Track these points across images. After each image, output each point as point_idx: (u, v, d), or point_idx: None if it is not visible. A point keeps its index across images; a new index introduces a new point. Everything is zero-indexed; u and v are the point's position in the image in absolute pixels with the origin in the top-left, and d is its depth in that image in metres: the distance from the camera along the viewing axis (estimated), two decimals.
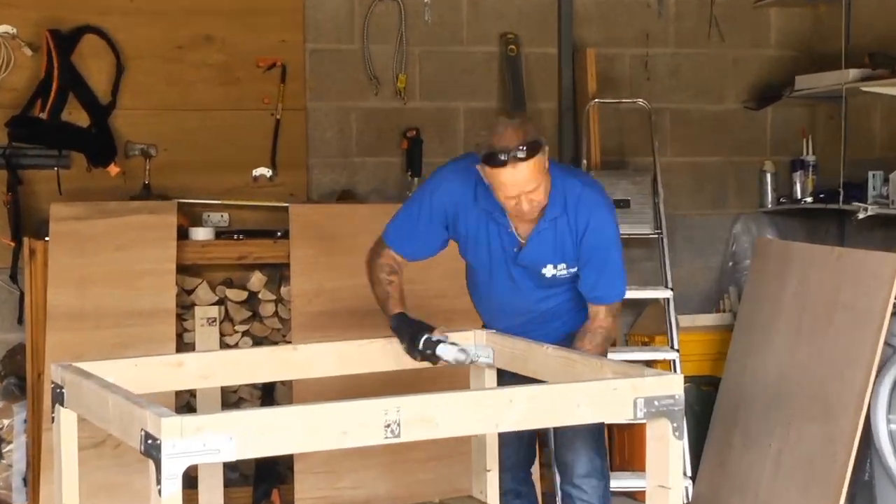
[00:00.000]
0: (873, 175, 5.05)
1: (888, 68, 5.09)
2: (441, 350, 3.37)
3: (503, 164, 3.20)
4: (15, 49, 5.05)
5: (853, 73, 5.22)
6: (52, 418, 3.09)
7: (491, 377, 3.60)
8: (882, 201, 4.93)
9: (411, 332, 3.43)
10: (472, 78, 5.57)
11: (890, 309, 3.98)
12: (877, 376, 4.05)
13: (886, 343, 4.04)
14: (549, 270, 3.46)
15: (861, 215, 4.98)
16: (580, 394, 2.86)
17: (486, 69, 5.58)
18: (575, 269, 3.46)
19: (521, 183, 3.24)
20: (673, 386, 2.89)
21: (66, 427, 3.05)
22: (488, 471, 3.63)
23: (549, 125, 5.61)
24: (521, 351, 3.49)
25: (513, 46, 5.53)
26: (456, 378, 3.63)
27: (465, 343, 3.48)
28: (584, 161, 5.36)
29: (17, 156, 5.01)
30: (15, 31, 5.04)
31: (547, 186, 3.31)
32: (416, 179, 5.32)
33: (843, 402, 4.04)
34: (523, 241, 3.44)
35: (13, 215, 4.93)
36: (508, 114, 3.48)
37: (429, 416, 2.67)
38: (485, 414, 2.79)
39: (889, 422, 4.17)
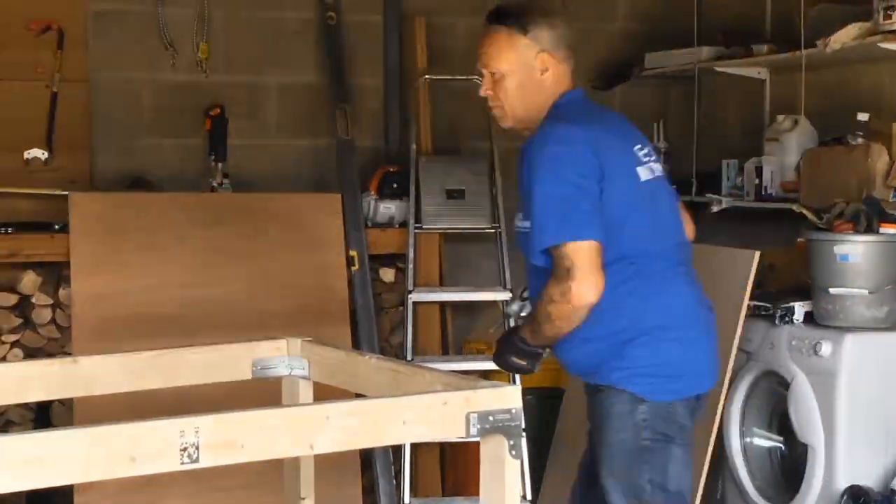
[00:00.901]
0: (727, 164, 5.22)
1: (743, 46, 5.27)
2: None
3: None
4: None
5: (706, 51, 5.41)
6: None
7: (307, 391, 3.59)
8: (737, 193, 5.09)
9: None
10: (286, 48, 5.57)
11: (744, 311, 4.12)
12: (730, 386, 4.19)
13: (740, 349, 4.19)
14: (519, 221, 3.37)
15: (715, 208, 5.15)
16: (407, 409, 2.85)
17: (303, 39, 5.58)
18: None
19: (481, 51, 3.34)
20: (510, 399, 2.89)
21: None
22: (303, 499, 3.62)
23: (374, 104, 5.67)
24: (340, 362, 3.48)
25: (332, 13, 5.53)
26: (266, 394, 3.62)
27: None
28: (414, 145, 5.38)
29: None
30: None
31: (509, 82, 3.31)
32: (220, 165, 5.29)
33: None
34: None
35: None
36: None
37: (232, 438, 2.63)
38: (297, 433, 2.75)
39: (742, 435, 4.32)
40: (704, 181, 5.37)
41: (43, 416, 4.90)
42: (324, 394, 3.45)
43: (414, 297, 5.15)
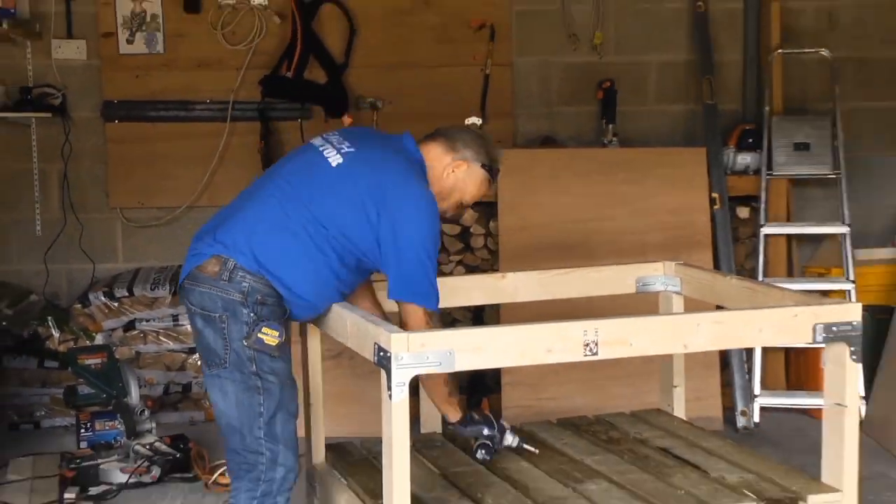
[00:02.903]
0: None
1: None
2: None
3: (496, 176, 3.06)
4: (266, 18, 5.22)
5: None
6: (301, 333, 3.21)
7: (679, 304, 3.54)
8: None
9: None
10: (662, 33, 5.45)
11: None
12: None
13: None
14: None
15: None
16: (763, 319, 2.82)
17: (676, 25, 5.44)
18: None
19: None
20: (851, 313, 2.82)
21: (311, 341, 3.19)
22: (675, 387, 3.61)
23: (734, 75, 5.49)
24: (706, 281, 3.44)
25: (701, 2, 5.38)
26: (645, 304, 3.62)
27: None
28: (767, 107, 5.20)
29: (269, 109, 5.25)
30: (266, 2, 5.20)
31: None
32: (610, 126, 5.26)
33: None
34: None
35: (265, 159, 5.14)
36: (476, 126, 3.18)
37: (624, 338, 2.66)
38: (674, 336, 2.77)
39: None
40: None
41: (478, 316, 5.01)
42: (692, 306, 3.47)
43: (765, 230, 5.03)
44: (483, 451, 3.05)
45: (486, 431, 3.07)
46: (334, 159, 2.88)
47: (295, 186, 2.86)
